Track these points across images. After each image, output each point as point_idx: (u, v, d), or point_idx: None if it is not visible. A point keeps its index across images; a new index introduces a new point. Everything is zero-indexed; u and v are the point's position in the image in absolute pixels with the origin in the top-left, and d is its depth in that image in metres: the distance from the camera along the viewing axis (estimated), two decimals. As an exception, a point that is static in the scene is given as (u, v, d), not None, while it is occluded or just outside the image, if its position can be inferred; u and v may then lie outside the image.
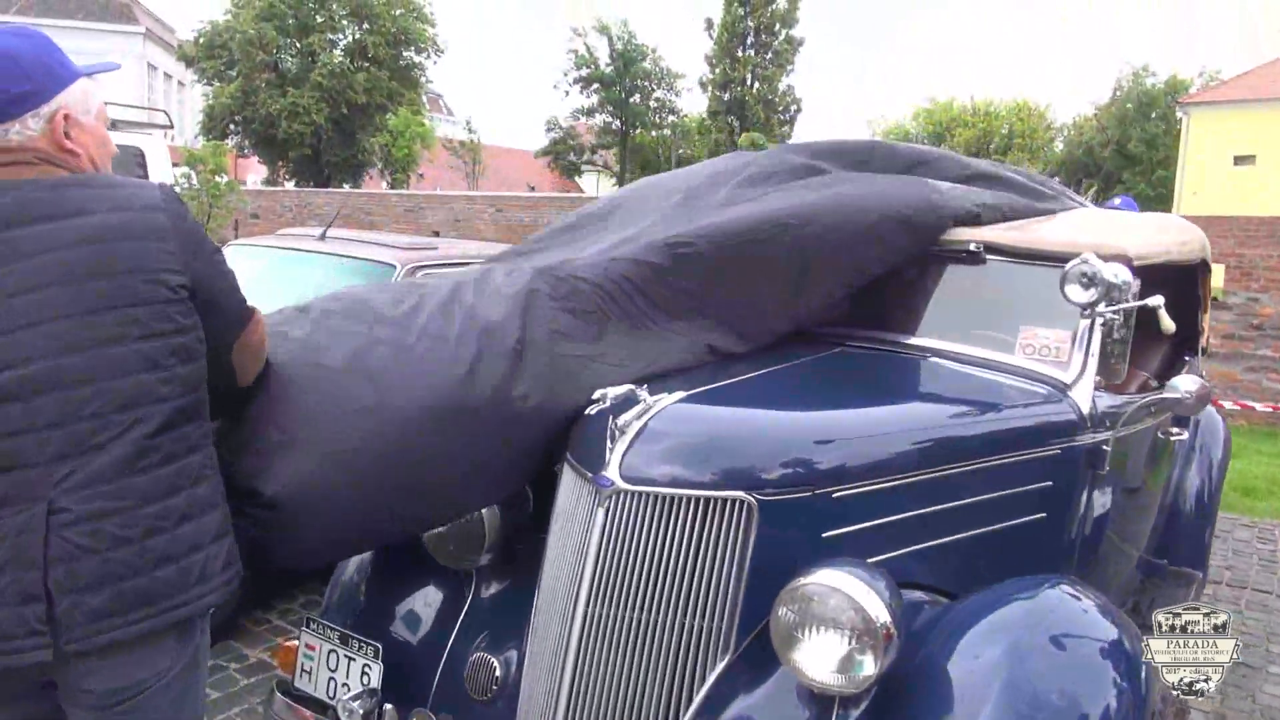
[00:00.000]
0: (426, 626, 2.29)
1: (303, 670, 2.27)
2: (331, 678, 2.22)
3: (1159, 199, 33.27)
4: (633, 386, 2.05)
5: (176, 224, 1.60)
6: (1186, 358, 4.02)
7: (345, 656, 2.21)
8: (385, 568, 2.44)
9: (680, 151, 32.80)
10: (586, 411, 2.10)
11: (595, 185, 38.51)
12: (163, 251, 1.56)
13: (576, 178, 38.84)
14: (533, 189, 36.51)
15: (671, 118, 37.31)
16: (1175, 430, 3.30)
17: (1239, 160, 30.78)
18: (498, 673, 2.15)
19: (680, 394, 2.12)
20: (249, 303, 1.78)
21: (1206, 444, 4.10)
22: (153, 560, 1.51)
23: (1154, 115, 35.43)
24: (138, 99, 25.72)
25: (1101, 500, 2.71)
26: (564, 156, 38.60)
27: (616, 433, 1.98)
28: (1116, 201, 7.12)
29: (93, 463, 1.48)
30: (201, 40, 29.00)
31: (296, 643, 2.31)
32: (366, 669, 2.17)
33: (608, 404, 2.04)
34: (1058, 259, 2.71)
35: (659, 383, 2.21)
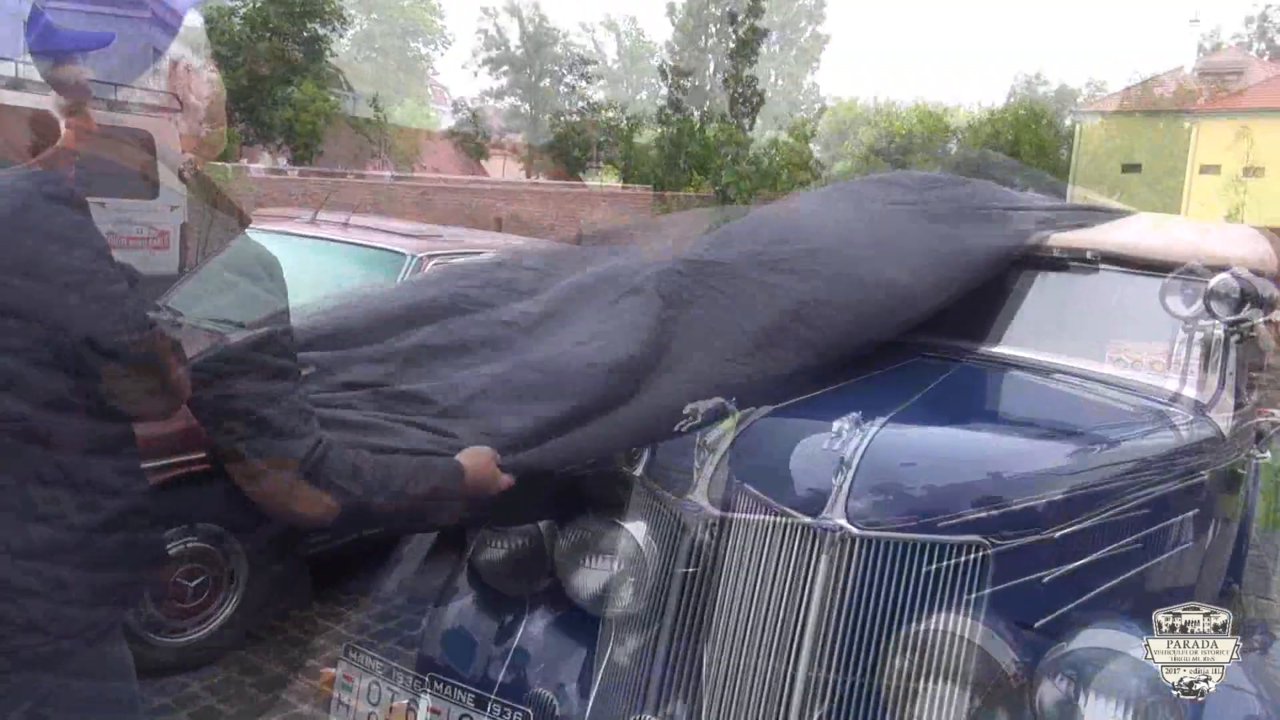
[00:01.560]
0: (478, 659, 2.08)
1: (340, 703, 2.06)
2: (372, 713, 2.01)
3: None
4: (857, 416, 1.81)
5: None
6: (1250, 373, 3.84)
7: (389, 690, 2.00)
8: (433, 592, 2.23)
9: (603, 138, 30.32)
10: (802, 440, 1.86)
11: (501, 170, 35.89)
12: None
13: (484, 161, 36.32)
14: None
15: (581, 104, 35.60)
16: (1257, 450, 3.13)
17: (1248, 172, 30.64)
18: (558, 711, 1.95)
19: (881, 419, 1.87)
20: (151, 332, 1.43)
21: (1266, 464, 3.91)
22: None
23: (1044, 122, 35.24)
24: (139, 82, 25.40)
25: (1204, 525, 2.52)
26: (471, 139, 36.01)
27: (844, 467, 1.73)
28: None
29: None
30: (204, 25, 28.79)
31: (333, 671, 2.10)
32: (412, 705, 1.96)
33: (834, 433, 1.78)
34: (1159, 267, 2.55)
35: (859, 405, 1.94)
